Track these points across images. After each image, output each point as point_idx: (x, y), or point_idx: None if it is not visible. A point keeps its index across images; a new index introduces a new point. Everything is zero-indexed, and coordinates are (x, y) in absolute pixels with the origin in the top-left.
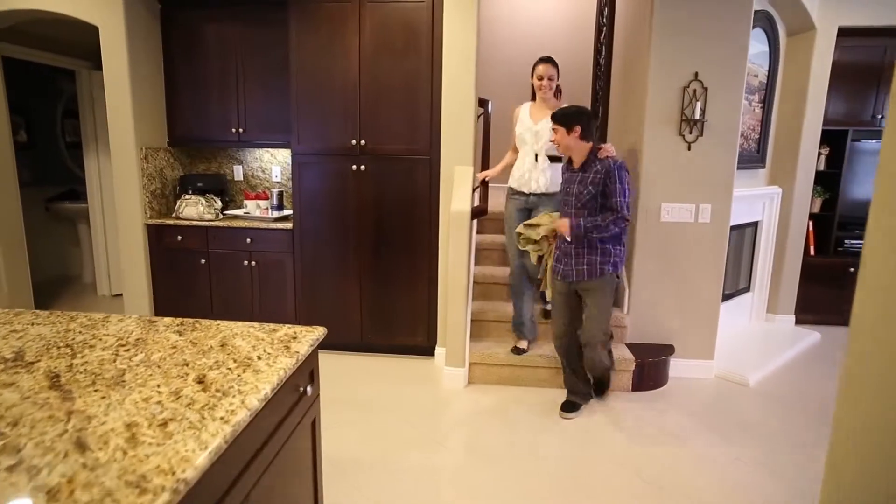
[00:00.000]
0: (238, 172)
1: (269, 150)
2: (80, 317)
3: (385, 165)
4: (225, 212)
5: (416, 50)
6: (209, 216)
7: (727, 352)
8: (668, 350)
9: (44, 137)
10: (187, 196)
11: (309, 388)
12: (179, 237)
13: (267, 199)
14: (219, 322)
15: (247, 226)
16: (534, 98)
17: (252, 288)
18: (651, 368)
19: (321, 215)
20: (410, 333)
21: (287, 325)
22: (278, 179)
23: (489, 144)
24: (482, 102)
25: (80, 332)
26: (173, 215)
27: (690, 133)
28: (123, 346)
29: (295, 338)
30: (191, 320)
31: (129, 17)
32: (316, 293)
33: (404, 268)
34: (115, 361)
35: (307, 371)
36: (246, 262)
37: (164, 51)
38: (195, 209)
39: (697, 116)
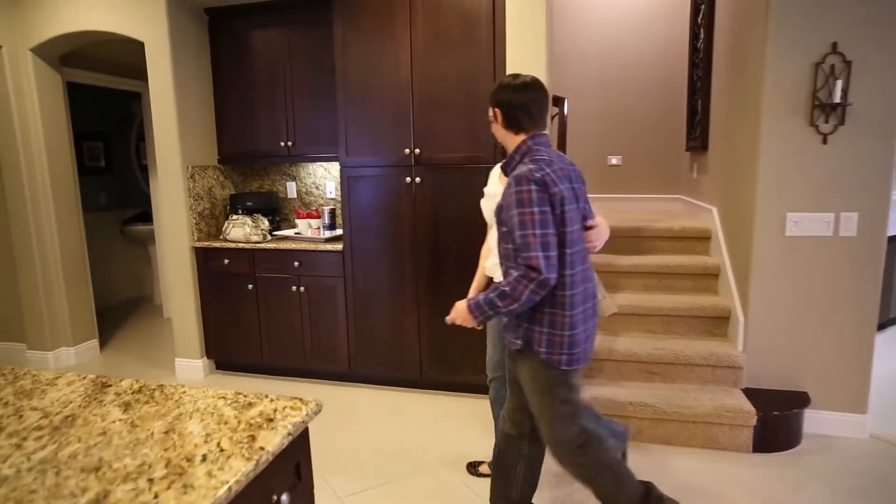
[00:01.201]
0: (291, 189)
1: (323, 164)
2: (26, 377)
3: (443, 177)
4: (275, 232)
5: (474, 42)
6: (256, 237)
7: (886, 402)
8: (801, 399)
9: (120, 161)
10: (234, 217)
11: (285, 497)
12: (226, 260)
13: (319, 217)
14: (186, 390)
15: (294, 248)
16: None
17: (301, 316)
18: (778, 423)
19: (373, 235)
20: (477, 370)
21: (270, 399)
22: (332, 196)
23: (565, 149)
24: (556, 101)
25: (8, 403)
26: (221, 237)
27: (826, 122)
28: (41, 428)
29: (271, 420)
30: (153, 386)
31: (174, 31)
32: (370, 322)
33: (467, 294)
34: (7, 459)
35: (289, 466)
36: (294, 288)
37: (212, 64)
38: (241, 230)
39: (837, 100)
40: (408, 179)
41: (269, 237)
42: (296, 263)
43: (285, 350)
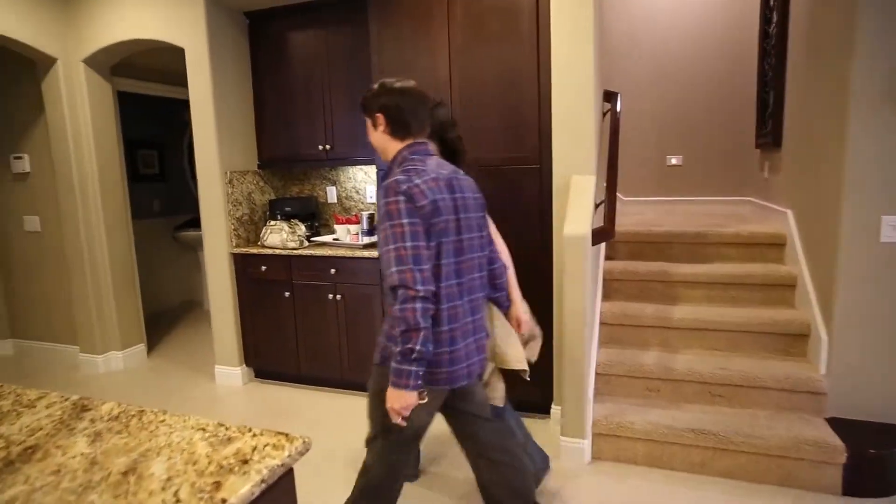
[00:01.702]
0: (331, 194)
1: (363, 167)
2: (7, 397)
3: (484, 179)
4: (313, 238)
5: (516, 34)
6: (292, 244)
7: None
8: None
9: (173, 168)
10: (272, 222)
11: None
12: (263, 267)
13: (357, 222)
14: (166, 419)
15: (330, 254)
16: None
17: (338, 325)
18: (875, 463)
19: None
20: (522, 386)
21: (252, 433)
22: (372, 200)
23: (618, 148)
24: (608, 96)
25: None
26: (258, 243)
27: None
28: None
29: (246, 462)
30: (133, 412)
31: (213, 36)
32: None
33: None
34: None
35: None
36: (331, 296)
37: (252, 68)
38: (279, 236)
39: None
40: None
41: (306, 243)
42: (332, 271)
43: (322, 360)
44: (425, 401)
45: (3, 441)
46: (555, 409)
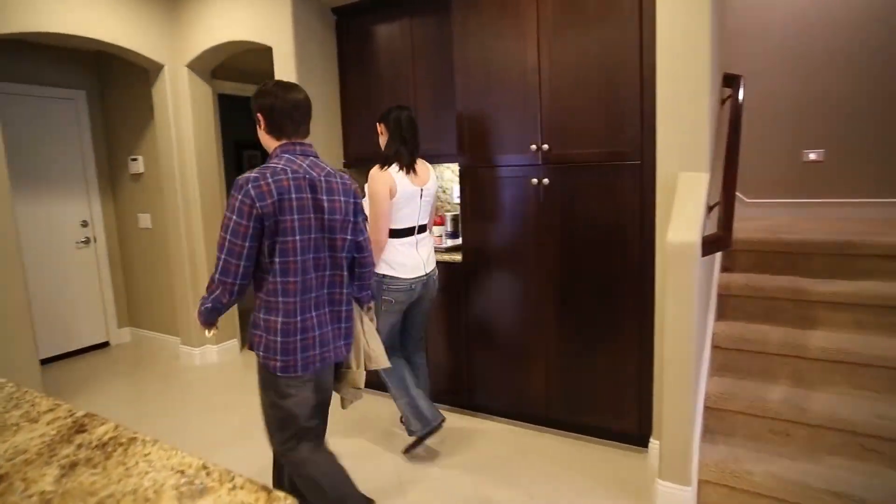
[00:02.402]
0: None
1: (451, 166)
2: (23, 405)
3: (576, 177)
4: None
5: (616, 11)
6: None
7: None
8: None
9: None
10: None
11: None
12: None
13: (442, 224)
14: (152, 452)
15: None
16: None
17: None
18: None
19: (492, 246)
20: (614, 413)
21: (231, 484)
22: (459, 201)
23: (739, 140)
24: (728, 80)
25: None
26: None
27: None
28: None
29: None
30: (125, 439)
31: (299, 33)
32: (489, 345)
33: (604, 321)
34: None
35: None
36: None
37: (339, 65)
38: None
39: None
40: (534, 180)
41: None
42: None
43: None
44: (209, 335)
45: None
46: (653, 444)
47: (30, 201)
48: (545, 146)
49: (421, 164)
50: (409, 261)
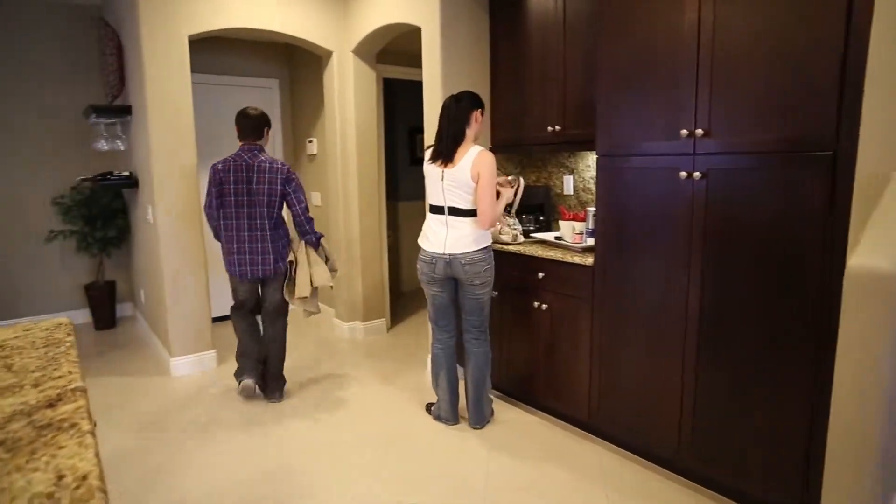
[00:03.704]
0: (568, 184)
1: None
2: (60, 345)
3: (737, 170)
4: (535, 234)
5: None
6: (505, 237)
7: None
8: None
9: None
10: None
11: None
12: None
13: (584, 220)
14: (66, 447)
15: (539, 255)
16: None
17: (539, 339)
18: None
19: (630, 249)
20: (767, 476)
21: None
22: None
23: None
24: None
25: None
26: None
27: None
28: None
29: None
30: (71, 423)
31: (446, 13)
32: (619, 364)
33: (764, 361)
34: None
35: None
36: (536, 304)
37: (491, 44)
38: (493, 228)
39: None
40: (682, 174)
41: (520, 238)
42: (540, 275)
43: (521, 374)
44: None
45: None
46: None
47: None
48: (699, 131)
49: (462, 149)
50: (430, 234)
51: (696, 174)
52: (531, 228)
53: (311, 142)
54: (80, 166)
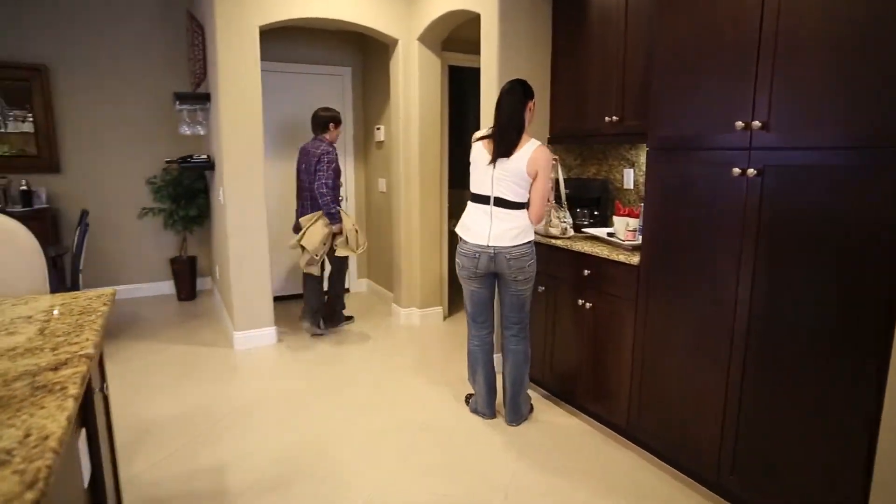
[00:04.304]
0: (628, 178)
1: None
2: (73, 331)
3: (799, 168)
4: (587, 229)
5: None
6: (554, 230)
7: None
8: None
9: None
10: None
11: None
12: None
13: (638, 216)
14: (47, 406)
15: (585, 251)
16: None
17: (583, 339)
18: None
19: (677, 251)
20: (824, 500)
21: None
22: None
23: None
24: None
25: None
26: None
27: None
28: None
29: None
30: (60, 387)
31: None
32: (660, 374)
33: (824, 377)
34: None
35: None
36: (580, 302)
37: (553, 28)
38: (543, 221)
39: None
40: (735, 170)
41: (570, 232)
42: (585, 272)
43: (564, 374)
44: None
45: None
46: None
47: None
48: (757, 123)
49: (522, 142)
50: (473, 224)
51: (751, 171)
52: (585, 223)
53: (378, 129)
54: (170, 149)
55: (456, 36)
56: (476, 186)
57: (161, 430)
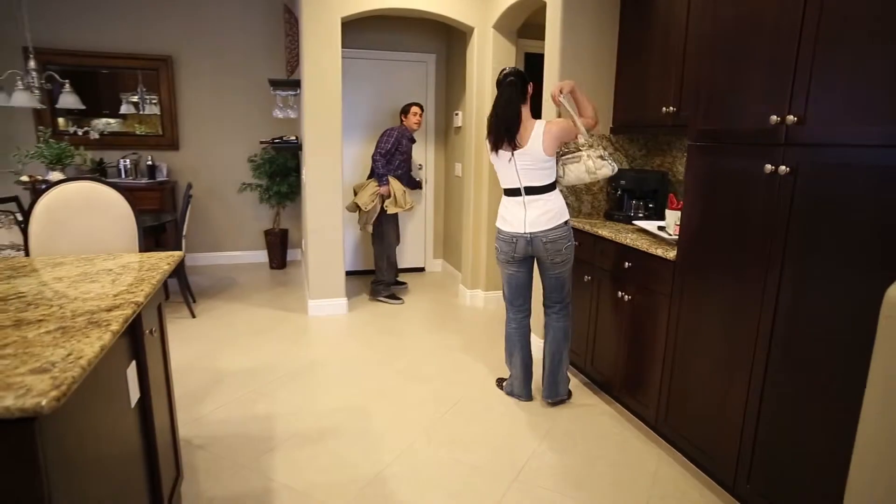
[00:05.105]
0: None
1: None
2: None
3: (837, 166)
4: (638, 222)
5: None
6: (605, 171)
7: None
8: None
9: None
10: None
11: None
12: (577, 242)
13: (679, 209)
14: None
15: (627, 243)
16: None
17: (621, 330)
18: None
19: (711, 248)
20: None
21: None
22: None
23: None
24: None
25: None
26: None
27: None
28: None
29: None
30: (112, 332)
31: None
32: (690, 373)
33: (851, 395)
34: None
35: None
36: (620, 293)
37: (621, 22)
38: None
39: None
40: (767, 167)
41: (609, 163)
42: (626, 264)
43: (603, 363)
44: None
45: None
46: None
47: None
48: (792, 117)
49: (524, 128)
50: (508, 215)
51: (782, 168)
52: (640, 215)
53: (457, 114)
54: (267, 130)
55: (532, 22)
56: (505, 182)
57: (231, 380)
